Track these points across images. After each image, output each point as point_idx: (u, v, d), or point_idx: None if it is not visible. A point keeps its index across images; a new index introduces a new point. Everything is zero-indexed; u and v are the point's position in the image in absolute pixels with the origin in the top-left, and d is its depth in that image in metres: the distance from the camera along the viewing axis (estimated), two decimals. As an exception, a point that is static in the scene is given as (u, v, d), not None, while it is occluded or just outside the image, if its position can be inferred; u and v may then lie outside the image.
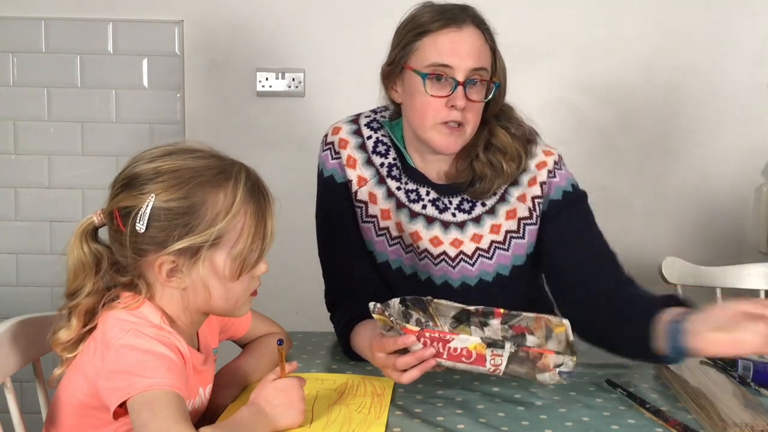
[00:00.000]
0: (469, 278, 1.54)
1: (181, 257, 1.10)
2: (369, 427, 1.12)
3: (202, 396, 1.19)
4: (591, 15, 2.52)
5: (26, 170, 2.53)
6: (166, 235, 1.08)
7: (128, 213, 1.10)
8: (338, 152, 1.57)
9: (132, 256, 1.11)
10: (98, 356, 1.08)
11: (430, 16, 1.45)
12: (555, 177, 1.53)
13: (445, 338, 1.15)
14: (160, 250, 1.09)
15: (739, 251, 2.59)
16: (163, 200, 1.08)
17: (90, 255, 1.14)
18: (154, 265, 1.11)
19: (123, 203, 1.11)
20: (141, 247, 1.10)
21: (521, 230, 1.53)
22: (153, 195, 1.08)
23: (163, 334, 1.09)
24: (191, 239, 1.08)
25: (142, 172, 1.11)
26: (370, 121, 1.60)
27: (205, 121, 2.54)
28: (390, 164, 1.56)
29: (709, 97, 2.56)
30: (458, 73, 1.41)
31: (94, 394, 1.08)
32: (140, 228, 1.08)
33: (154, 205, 1.08)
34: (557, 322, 1.24)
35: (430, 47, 1.43)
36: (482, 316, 1.30)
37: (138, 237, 1.09)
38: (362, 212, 1.56)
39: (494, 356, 1.14)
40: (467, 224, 1.53)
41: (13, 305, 2.51)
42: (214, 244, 1.09)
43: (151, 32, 2.49)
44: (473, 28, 1.44)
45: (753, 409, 1.15)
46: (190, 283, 1.12)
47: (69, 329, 1.14)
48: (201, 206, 1.09)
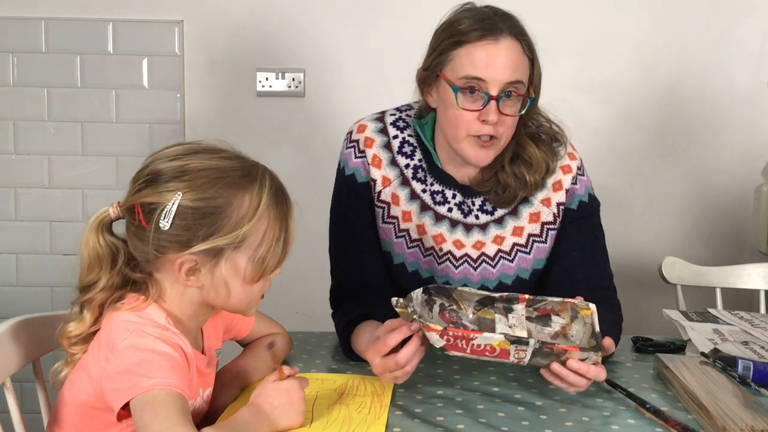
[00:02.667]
0: (489, 280, 1.54)
1: (203, 257, 1.09)
2: (369, 427, 1.12)
3: (202, 397, 1.19)
4: (591, 15, 2.52)
5: (26, 170, 2.53)
6: (190, 235, 1.08)
7: (152, 209, 1.09)
8: (363, 151, 1.56)
9: (153, 252, 1.10)
10: (102, 358, 1.08)
11: (468, 24, 1.40)
12: (576, 184, 1.54)
13: (468, 337, 1.15)
14: (182, 249, 1.09)
15: (739, 251, 2.59)
16: (190, 199, 1.08)
17: (106, 248, 1.13)
18: (174, 263, 1.10)
19: (147, 199, 1.09)
20: (162, 245, 1.09)
21: (543, 234, 1.53)
22: (179, 193, 1.08)
23: (168, 334, 1.09)
24: (216, 241, 1.08)
25: (166, 170, 1.10)
26: (396, 120, 1.58)
27: (205, 121, 2.54)
28: (415, 166, 1.55)
29: (709, 97, 2.56)
30: (492, 87, 1.38)
31: (98, 395, 1.08)
32: (164, 225, 1.07)
33: (180, 204, 1.08)
34: (583, 305, 1.25)
35: (465, 58, 1.40)
36: (506, 302, 1.29)
37: (161, 234, 1.08)
38: (384, 213, 1.55)
39: (518, 351, 1.15)
40: (489, 226, 1.53)
41: (13, 305, 2.51)
42: (237, 247, 1.09)
43: (151, 32, 2.49)
44: (510, 40, 1.39)
45: (753, 409, 1.15)
46: (209, 283, 1.12)
47: (81, 323, 1.14)
48: (227, 207, 1.09)
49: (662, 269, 2.01)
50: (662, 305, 1.81)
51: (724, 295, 2.01)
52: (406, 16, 2.45)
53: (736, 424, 1.09)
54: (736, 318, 1.66)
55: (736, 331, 1.56)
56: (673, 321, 1.62)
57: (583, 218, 1.54)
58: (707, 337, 1.50)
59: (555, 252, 1.54)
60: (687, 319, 1.62)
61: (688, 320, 1.61)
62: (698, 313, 1.67)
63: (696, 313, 1.68)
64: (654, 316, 1.86)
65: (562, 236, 1.54)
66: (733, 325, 1.61)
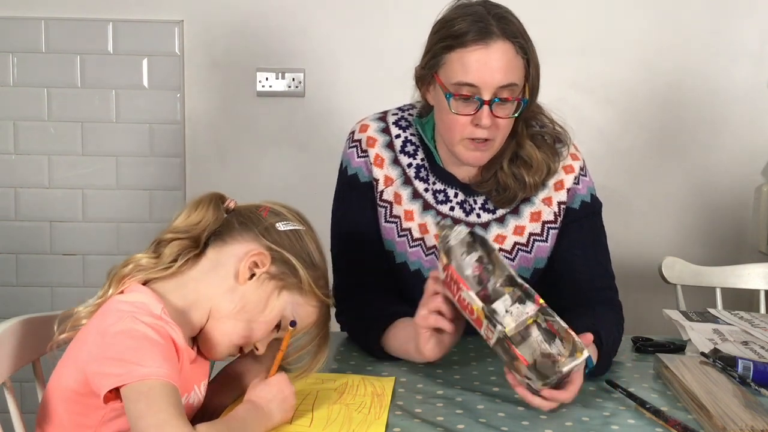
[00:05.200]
0: None
1: (275, 268, 1.16)
2: (369, 427, 1.12)
3: (197, 393, 1.19)
4: (591, 15, 2.52)
5: (26, 170, 2.53)
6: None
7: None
8: (365, 150, 1.56)
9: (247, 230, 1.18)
10: (91, 343, 1.07)
11: (461, 27, 1.39)
12: (579, 184, 1.54)
13: (459, 285, 1.18)
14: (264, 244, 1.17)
15: (739, 251, 2.59)
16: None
17: (214, 215, 1.20)
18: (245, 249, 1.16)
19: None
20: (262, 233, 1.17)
21: (544, 234, 1.53)
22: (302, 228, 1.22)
23: (160, 323, 1.08)
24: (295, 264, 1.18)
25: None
26: (398, 119, 1.58)
27: (205, 121, 2.55)
28: (418, 165, 1.55)
29: (709, 97, 2.56)
30: (484, 92, 1.38)
31: (82, 380, 1.07)
32: (280, 227, 1.19)
33: (287, 231, 1.20)
34: (580, 347, 1.18)
35: (457, 63, 1.39)
36: (524, 294, 1.22)
37: (272, 228, 1.18)
38: (386, 212, 1.56)
39: (488, 329, 1.16)
40: (491, 225, 1.53)
41: (13, 305, 2.51)
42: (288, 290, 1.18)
43: (151, 32, 2.49)
44: (503, 43, 1.38)
45: (753, 409, 1.15)
46: (250, 292, 1.16)
47: (154, 259, 1.16)
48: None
49: (662, 269, 2.01)
50: (662, 305, 1.81)
51: (724, 295, 2.01)
52: (406, 15, 2.45)
53: (736, 424, 1.09)
54: (736, 318, 1.66)
55: (736, 331, 1.56)
56: (673, 321, 1.62)
57: (585, 218, 1.54)
58: (707, 337, 1.50)
59: (557, 251, 1.54)
60: (687, 319, 1.62)
61: (688, 320, 1.61)
62: (698, 313, 1.67)
63: (696, 313, 1.68)
64: (654, 316, 1.86)
65: (563, 236, 1.54)
66: (733, 325, 1.61)
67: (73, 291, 2.52)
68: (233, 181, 2.50)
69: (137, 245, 1.24)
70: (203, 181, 2.52)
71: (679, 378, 1.29)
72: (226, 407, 1.21)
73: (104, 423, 1.10)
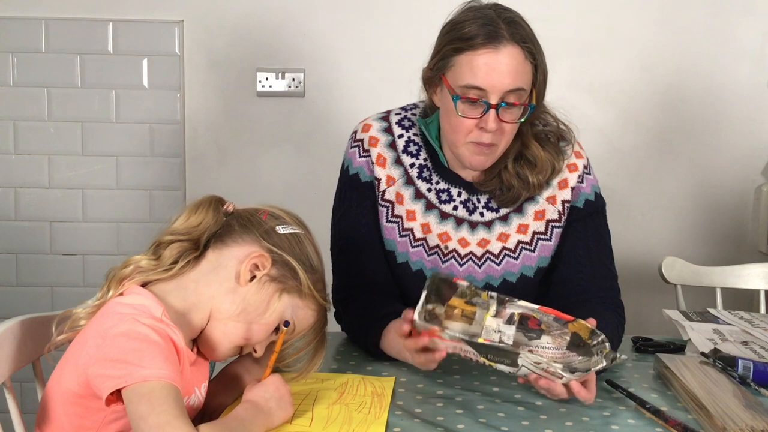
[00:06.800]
0: (493, 278, 1.54)
1: (276, 270, 1.16)
2: (369, 427, 1.12)
3: (198, 395, 1.19)
4: (591, 15, 2.52)
5: (26, 170, 2.53)
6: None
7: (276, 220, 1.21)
8: (367, 150, 1.56)
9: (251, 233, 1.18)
10: (91, 345, 1.07)
11: (470, 30, 1.39)
12: (582, 183, 1.54)
13: (460, 347, 1.20)
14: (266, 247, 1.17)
15: (739, 251, 2.59)
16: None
17: (213, 218, 1.20)
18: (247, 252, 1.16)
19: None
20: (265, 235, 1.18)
21: (548, 232, 1.53)
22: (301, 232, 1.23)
23: (161, 325, 1.08)
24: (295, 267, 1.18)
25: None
26: (401, 119, 1.58)
27: (205, 121, 2.55)
28: (420, 165, 1.55)
29: (709, 97, 2.56)
30: (491, 96, 1.38)
31: (83, 382, 1.07)
32: (280, 230, 1.19)
33: (287, 234, 1.20)
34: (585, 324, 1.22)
35: (466, 66, 1.39)
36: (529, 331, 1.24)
37: (272, 231, 1.18)
38: (388, 212, 1.56)
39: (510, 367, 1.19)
40: (495, 223, 1.53)
41: (13, 305, 2.51)
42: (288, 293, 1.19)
43: (151, 32, 2.49)
44: (512, 47, 1.37)
45: (753, 409, 1.15)
46: (251, 294, 1.16)
47: (154, 261, 1.16)
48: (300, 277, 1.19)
49: (662, 269, 2.01)
50: (662, 305, 1.81)
51: (724, 295, 2.01)
52: (406, 16, 2.45)
53: (736, 424, 1.09)
54: (736, 318, 1.66)
55: (736, 331, 1.56)
56: (673, 321, 1.62)
57: (589, 217, 1.54)
58: (707, 337, 1.50)
59: (560, 250, 1.54)
60: (687, 319, 1.62)
61: (688, 320, 1.61)
62: (698, 313, 1.67)
63: (696, 313, 1.68)
64: (654, 316, 1.86)
65: (567, 234, 1.54)
66: (733, 325, 1.61)
67: (72, 291, 2.52)
68: (233, 181, 2.50)
69: (137, 245, 1.25)
70: (203, 181, 2.52)
71: (679, 378, 1.29)
72: (225, 408, 1.21)
73: (104, 425, 1.10)
